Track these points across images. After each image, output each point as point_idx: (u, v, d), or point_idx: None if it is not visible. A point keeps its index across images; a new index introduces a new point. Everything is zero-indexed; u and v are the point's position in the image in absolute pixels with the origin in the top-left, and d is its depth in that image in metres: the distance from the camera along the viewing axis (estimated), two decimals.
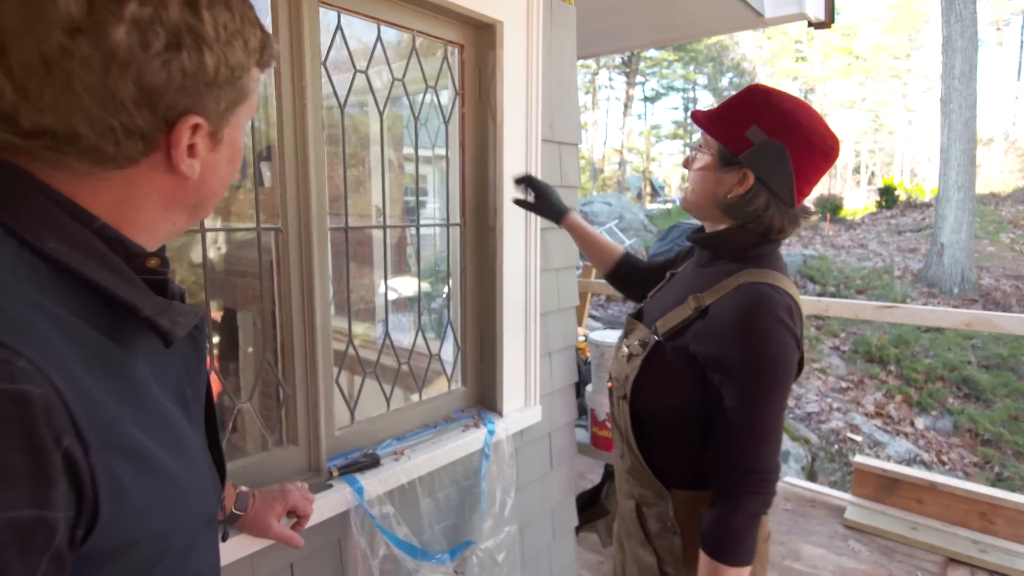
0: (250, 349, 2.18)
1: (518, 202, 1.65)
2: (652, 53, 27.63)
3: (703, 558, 1.04)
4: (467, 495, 1.84)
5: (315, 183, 1.45)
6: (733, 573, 1.01)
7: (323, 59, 1.47)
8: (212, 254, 2.43)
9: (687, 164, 1.17)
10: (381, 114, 1.63)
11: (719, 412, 1.04)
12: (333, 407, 1.57)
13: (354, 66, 1.54)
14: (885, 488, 3.48)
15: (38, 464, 0.42)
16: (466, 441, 1.79)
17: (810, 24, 3.66)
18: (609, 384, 1.28)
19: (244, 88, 0.59)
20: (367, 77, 1.58)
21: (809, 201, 1.15)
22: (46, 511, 0.42)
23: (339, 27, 1.50)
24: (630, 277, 1.53)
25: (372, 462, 1.57)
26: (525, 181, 1.64)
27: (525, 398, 2.04)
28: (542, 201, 1.62)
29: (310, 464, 1.53)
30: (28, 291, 0.47)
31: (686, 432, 1.12)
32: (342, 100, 1.53)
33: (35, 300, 0.47)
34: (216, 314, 2.32)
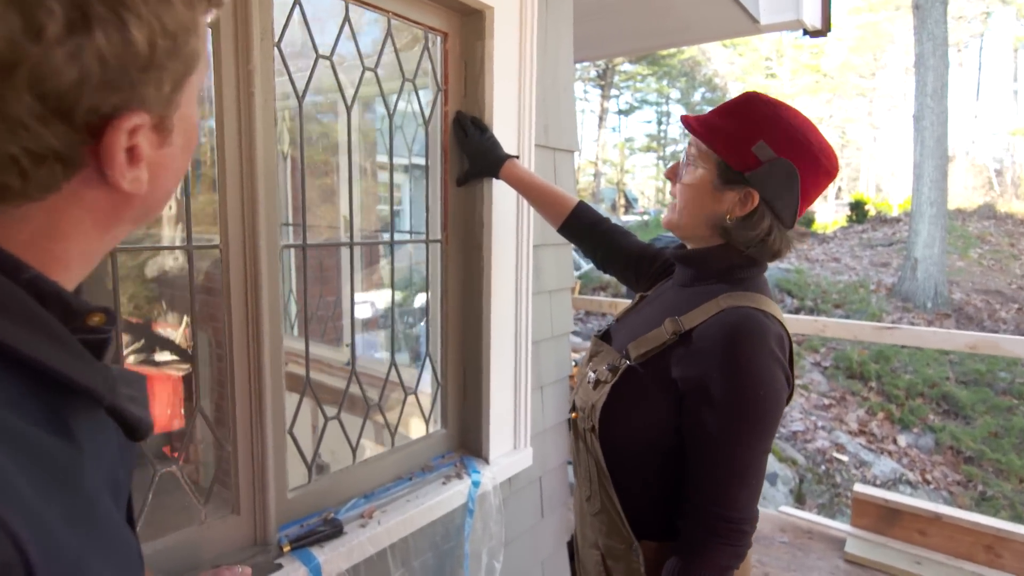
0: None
1: (460, 181, 1.56)
2: (626, 67, 27.78)
3: None
4: (447, 560, 1.56)
5: (264, 191, 1.17)
6: None
7: (276, 40, 1.19)
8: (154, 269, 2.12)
9: (672, 176, 1.02)
10: (348, 110, 1.36)
11: (695, 445, 0.91)
12: (285, 463, 1.28)
13: (316, 51, 1.26)
14: (886, 519, 3.29)
15: None
16: (447, 496, 1.52)
17: (805, 32, 3.49)
18: (572, 414, 1.10)
19: (193, 52, 0.42)
20: (332, 65, 1.31)
21: None
22: None
23: (297, 1, 1.23)
24: (587, 233, 1.36)
25: (333, 531, 1.28)
26: (462, 123, 1.54)
27: (514, 440, 1.77)
28: (476, 148, 1.50)
29: (256, 537, 1.24)
30: None
31: (661, 472, 0.97)
32: (300, 91, 1.26)
33: None
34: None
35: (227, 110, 1.12)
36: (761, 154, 0.89)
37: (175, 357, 2.01)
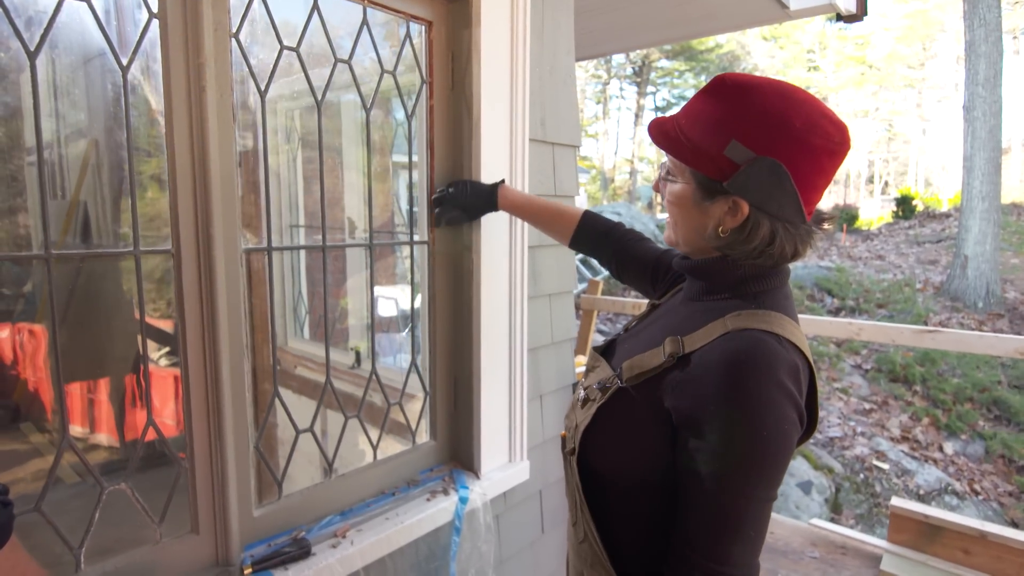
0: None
1: (448, 222, 1.48)
2: (663, 63, 27.27)
3: None
4: None
5: (220, 191, 1.09)
6: None
7: (234, 30, 1.11)
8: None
9: (657, 188, 0.89)
10: (319, 105, 1.27)
11: (685, 487, 0.77)
12: (250, 479, 1.20)
13: (280, 41, 1.18)
14: (926, 535, 3.07)
15: None
16: (431, 514, 1.42)
17: (839, 17, 3.28)
18: (562, 433, 0.99)
19: None
20: (299, 57, 1.22)
21: (823, 205, 0.83)
22: None
23: None
24: (598, 243, 1.26)
25: (300, 552, 1.20)
26: (439, 199, 1.47)
27: (509, 453, 1.66)
28: (467, 201, 1.42)
29: (217, 558, 1.16)
30: None
31: (649, 507, 0.83)
32: (262, 86, 1.17)
33: None
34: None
35: (176, 107, 1.04)
36: (736, 156, 0.74)
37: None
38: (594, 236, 1.26)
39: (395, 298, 2.20)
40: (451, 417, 1.62)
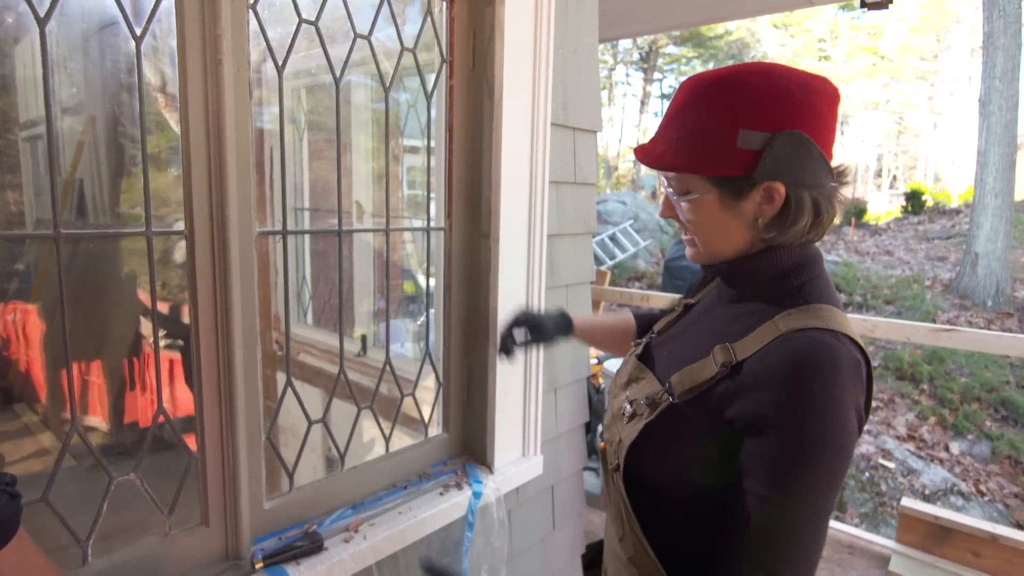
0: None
1: (518, 347, 1.26)
2: (671, 49, 27.04)
3: None
4: None
5: (236, 171, 1.06)
6: None
7: (251, 1, 1.07)
8: None
9: (669, 215, 0.85)
10: (337, 83, 1.23)
11: (743, 498, 0.73)
12: (262, 470, 1.18)
13: (298, 14, 1.14)
14: (935, 537, 3.07)
15: None
16: (444, 508, 1.40)
17: (863, 4, 3.22)
18: (601, 444, 0.95)
19: None
20: (318, 31, 1.18)
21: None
22: None
23: None
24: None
25: (312, 546, 1.18)
26: (520, 323, 1.26)
27: (523, 447, 1.64)
28: (540, 329, 1.24)
29: (227, 551, 1.14)
30: None
31: (704, 517, 0.79)
32: (279, 61, 1.14)
33: None
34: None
35: (192, 81, 1.01)
36: (752, 143, 0.73)
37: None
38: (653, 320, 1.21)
39: (413, 286, 2.17)
40: (464, 409, 1.60)
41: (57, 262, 0.92)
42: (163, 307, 2.38)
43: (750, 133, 0.73)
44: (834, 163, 0.79)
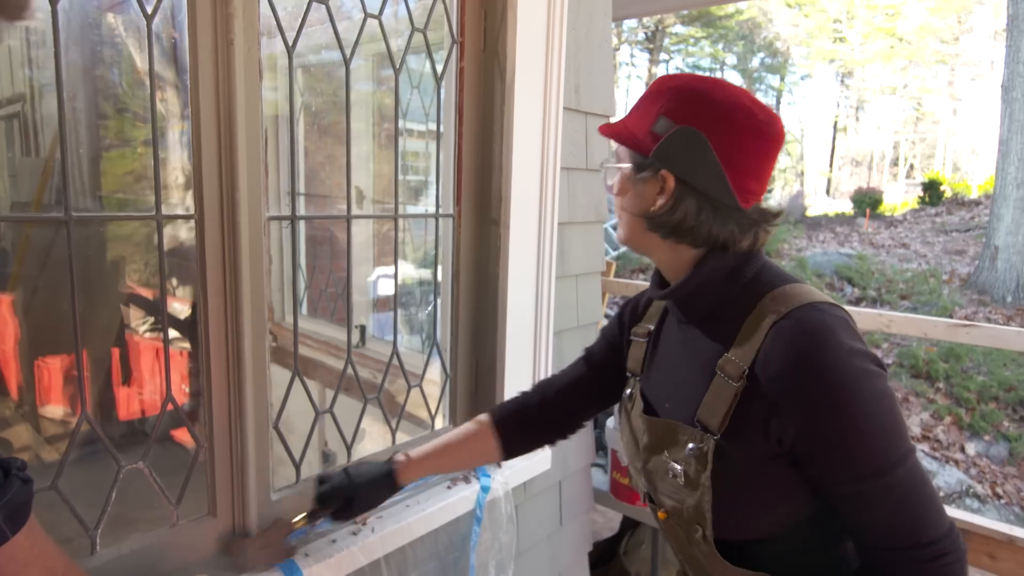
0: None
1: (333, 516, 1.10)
2: (678, 29, 26.98)
3: None
4: (450, 572, 1.50)
5: (246, 154, 1.10)
6: None
7: None
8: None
9: (610, 191, 0.94)
10: (347, 64, 1.27)
11: (839, 494, 0.78)
12: (270, 461, 1.22)
13: None
14: None
15: None
16: (452, 502, 1.45)
17: None
18: (660, 513, 0.93)
19: None
20: (328, 9, 1.22)
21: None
22: None
23: None
24: (532, 420, 1.14)
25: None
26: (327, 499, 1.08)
27: None
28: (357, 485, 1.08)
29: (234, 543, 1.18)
30: None
31: (808, 536, 0.84)
32: (290, 40, 1.17)
33: None
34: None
35: (203, 61, 1.04)
36: (661, 129, 0.82)
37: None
38: (526, 420, 1.14)
39: (421, 274, 2.21)
40: (472, 401, 1.64)
41: (68, 247, 0.96)
42: (147, 293, 2.41)
43: (665, 120, 0.82)
44: (764, 203, 0.86)
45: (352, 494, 1.05)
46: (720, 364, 0.81)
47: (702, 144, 0.79)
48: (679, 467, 0.85)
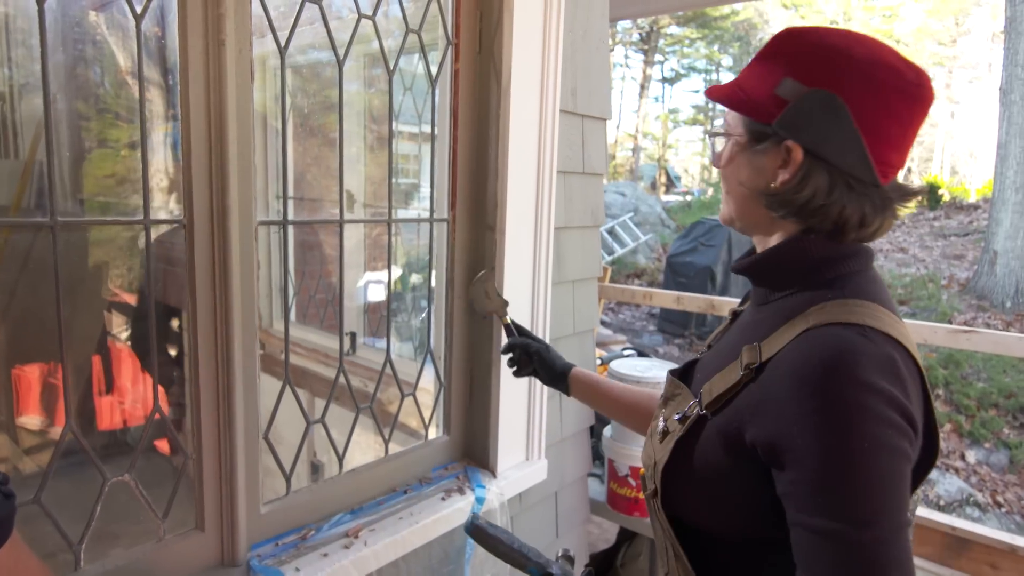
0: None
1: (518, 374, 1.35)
2: (673, 30, 27.13)
3: None
4: None
5: (237, 158, 1.09)
6: None
7: None
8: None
9: (716, 162, 0.84)
10: (340, 64, 1.26)
11: (798, 537, 0.67)
12: (259, 473, 1.21)
13: None
14: (952, 548, 3.15)
15: None
16: (446, 514, 1.44)
17: None
18: (640, 470, 0.95)
19: None
20: (321, 9, 1.21)
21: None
22: None
23: None
24: None
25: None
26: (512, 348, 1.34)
27: (527, 451, 1.68)
28: (540, 358, 1.29)
29: (223, 557, 1.17)
30: None
31: (767, 563, 0.76)
32: (283, 41, 1.17)
33: None
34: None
35: (193, 63, 1.04)
36: (787, 93, 0.72)
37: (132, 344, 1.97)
38: None
39: (414, 280, 2.21)
40: (466, 411, 1.64)
41: (53, 252, 0.95)
42: (129, 298, 2.39)
43: (791, 82, 0.72)
44: (901, 177, 0.76)
45: (537, 363, 1.28)
46: (743, 351, 0.76)
47: (836, 108, 0.69)
48: (662, 423, 0.85)
